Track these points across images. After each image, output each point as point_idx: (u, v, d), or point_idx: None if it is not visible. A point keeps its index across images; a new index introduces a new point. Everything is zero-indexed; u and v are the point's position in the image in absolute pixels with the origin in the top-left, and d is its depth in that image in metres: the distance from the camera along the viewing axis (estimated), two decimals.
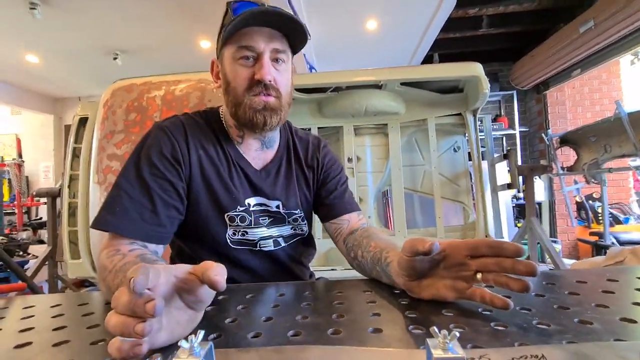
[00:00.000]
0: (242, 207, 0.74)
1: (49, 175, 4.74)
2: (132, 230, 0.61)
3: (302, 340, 0.37)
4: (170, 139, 0.69)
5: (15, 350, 0.40)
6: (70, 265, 2.42)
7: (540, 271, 0.60)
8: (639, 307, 0.42)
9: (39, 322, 0.49)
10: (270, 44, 0.67)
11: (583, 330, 0.36)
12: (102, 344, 0.40)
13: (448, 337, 0.26)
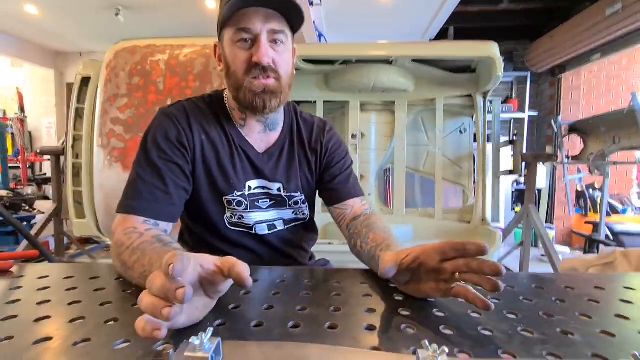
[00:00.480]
0: (239, 192, 0.75)
1: (51, 132, 4.73)
2: (146, 210, 0.64)
3: (301, 333, 0.40)
4: (175, 124, 0.70)
5: (35, 324, 0.43)
6: (76, 224, 2.49)
7: (531, 274, 0.62)
8: (620, 320, 0.44)
9: (55, 294, 0.52)
10: (267, 24, 0.65)
11: (564, 342, 0.39)
12: (116, 324, 0.42)
13: (438, 351, 0.29)
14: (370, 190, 2.83)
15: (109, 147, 1.98)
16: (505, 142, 2.73)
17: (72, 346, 0.37)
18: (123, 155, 1.96)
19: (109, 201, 2.00)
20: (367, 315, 0.46)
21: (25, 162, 4.23)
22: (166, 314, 0.33)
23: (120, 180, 1.97)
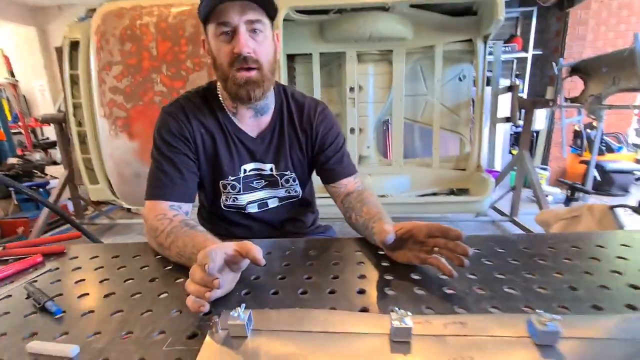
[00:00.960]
0: (233, 177, 0.85)
1: (45, 94, 4.66)
2: (169, 195, 0.76)
3: (308, 298, 0.53)
4: (176, 120, 0.78)
5: (106, 299, 0.56)
6: (91, 189, 2.63)
7: (494, 236, 0.74)
8: (559, 277, 0.57)
9: (110, 273, 0.65)
10: (244, 16, 0.69)
11: (506, 296, 0.51)
12: (167, 296, 0.55)
13: (405, 313, 0.41)
14: (369, 143, 2.90)
15: (112, 117, 2.02)
16: (504, 89, 2.71)
17: (140, 315, 0.51)
18: (127, 124, 2.01)
19: (121, 168, 2.11)
20: (360, 280, 0.58)
21: (27, 127, 4.25)
22: (208, 297, 0.48)
23: (128, 149, 2.05)
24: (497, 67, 2.78)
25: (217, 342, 0.42)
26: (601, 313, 0.46)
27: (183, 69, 1.92)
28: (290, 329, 0.44)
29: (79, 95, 2.45)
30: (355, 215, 0.78)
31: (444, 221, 3.00)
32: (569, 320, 0.43)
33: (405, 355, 0.39)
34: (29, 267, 0.70)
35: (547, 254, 0.64)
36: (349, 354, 0.40)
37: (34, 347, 0.44)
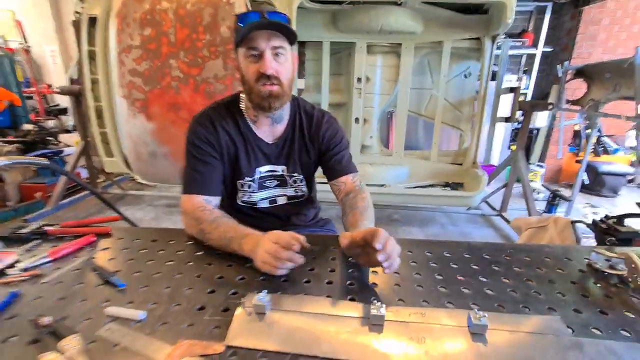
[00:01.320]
0: (250, 177, 1.00)
1: (56, 60, 4.69)
2: (202, 189, 0.92)
3: (311, 286, 0.69)
4: (204, 128, 0.93)
5: (155, 277, 0.72)
6: (106, 162, 2.78)
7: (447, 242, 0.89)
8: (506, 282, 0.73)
9: (154, 255, 0.81)
10: (270, 42, 0.85)
11: (461, 295, 0.68)
12: (202, 277, 0.72)
13: (381, 305, 0.57)
14: (372, 133, 3.01)
15: (131, 98, 2.14)
16: (506, 89, 2.78)
17: (183, 291, 0.67)
18: (145, 106, 2.13)
19: (138, 147, 2.25)
20: (350, 274, 0.74)
21: (40, 93, 4.33)
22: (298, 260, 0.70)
23: (145, 129, 2.18)
24: (503, 66, 2.84)
25: (245, 316, 0.59)
26: (527, 313, 0.63)
27: (200, 57, 2.01)
28: (297, 310, 0.61)
29: (96, 71, 2.55)
30: (345, 218, 0.94)
31: (439, 212, 3.18)
32: (498, 316, 0.59)
33: (379, 334, 0.56)
34: (86, 245, 0.86)
35: (502, 262, 0.80)
36: (338, 330, 0.56)
37: (111, 311, 0.61)
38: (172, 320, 0.59)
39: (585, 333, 0.58)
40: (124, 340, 0.55)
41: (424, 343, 0.54)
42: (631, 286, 0.71)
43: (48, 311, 0.61)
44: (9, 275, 0.72)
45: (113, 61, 2.12)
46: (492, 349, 0.53)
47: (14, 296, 0.66)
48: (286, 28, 0.84)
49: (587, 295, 0.69)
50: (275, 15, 0.83)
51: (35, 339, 0.55)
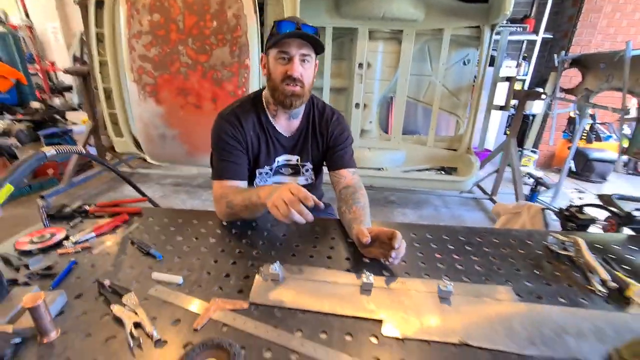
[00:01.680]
0: (268, 166, 1.14)
1: (58, 37, 4.69)
2: (231, 176, 1.06)
3: (314, 260, 0.85)
4: (231, 125, 1.05)
5: (186, 250, 0.88)
6: (116, 142, 2.90)
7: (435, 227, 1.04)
8: (474, 259, 0.88)
9: (182, 234, 0.96)
10: (300, 50, 0.97)
11: (436, 269, 0.83)
12: (224, 252, 0.87)
13: (370, 274, 0.73)
14: (371, 118, 3.12)
15: (142, 83, 2.23)
16: (502, 78, 2.86)
17: (212, 263, 0.83)
18: (155, 91, 2.23)
19: (148, 129, 2.36)
20: (347, 253, 0.90)
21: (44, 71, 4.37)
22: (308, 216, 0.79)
23: (155, 113, 2.29)
24: (501, 54, 2.90)
25: (262, 281, 0.75)
26: (487, 283, 0.79)
27: (207, 44, 2.08)
28: (304, 279, 0.77)
29: (104, 54, 2.62)
30: (346, 209, 1.02)
31: (433, 195, 3.34)
32: (462, 285, 0.75)
33: (368, 297, 0.72)
34: (121, 222, 1.01)
35: (474, 243, 0.96)
36: (336, 294, 0.72)
37: (156, 276, 0.77)
38: (204, 284, 0.75)
39: (530, 300, 0.74)
40: (169, 298, 0.71)
41: (402, 304, 0.70)
42: (576, 264, 0.87)
43: (103, 276, 0.76)
44: (66, 247, 0.87)
45: (123, 46, 2.20)
46: (454, 308, 0.69)
47: (73, 263, 0.81)
48: (316, 40, 0.96)
49: (539, 271, 0.84)
50: (308, 27, 0.94)
51: (101, 295, 0.70)
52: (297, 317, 0.66)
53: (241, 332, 0.62)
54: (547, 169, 4.42)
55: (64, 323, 0.63)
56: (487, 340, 0.61)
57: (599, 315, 0.69)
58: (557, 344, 0.61)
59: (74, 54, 4.40)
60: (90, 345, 0.59)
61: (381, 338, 0.62)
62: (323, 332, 0.63)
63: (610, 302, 0.74)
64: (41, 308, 0.57)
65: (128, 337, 0.59)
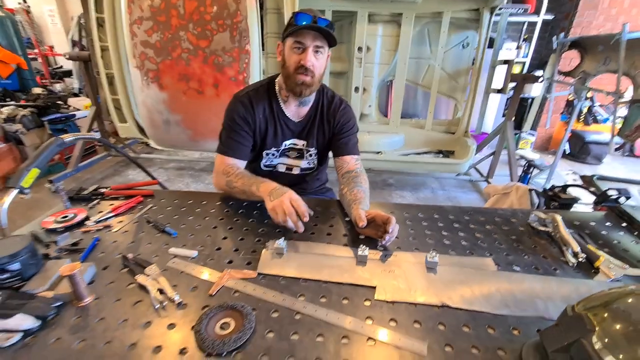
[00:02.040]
0: (275, 148, 1.21)
1: (55, 20, 4.65)
2: (233, 153, 1.13)
3: (316, 237, 0.93)
4: (244, 107, 1.12)
5: (197, 228, 0.96)
6: (120, 127, 2.96)
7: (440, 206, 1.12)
8: (460, 235, 0.96)
9: (191, 212, 1.05)
10: (314, 42, 1.02)
11: (426, 244, 0.92)
12: (233, 230, 0.96)
13: (365, 248, 0.81)
14: (370, 102, 3.15)
15: (144, 69, 2.26)
16: (500, 61, 2.88)
17: (221, 240, 0.91)
18: (157, 76, 2.26)
19: (152, 115, 2.41)
20: (345, 230, 0.98)
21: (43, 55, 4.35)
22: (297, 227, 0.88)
23: (158, 99, 2.33)
24: (500, 37, 2.91)
25: (269, 255, 0.83)
26: (470, 255, 0.87)
27: (208, 29, 2.11)
28: (306, 252, 0.85)
29: (105, 39, 2.63)
30: (347, 191, 1.09)
31: (430, 178, 3.41)
32: (448, 257, 0.84)
33: (363, 267, 0.81)
34: (136, 204, 1.09)
35: (462, 221, 1.04)
36: (334, 265, 0.81)
37: (173, 251, 0.85)
38: (216, 258, 0.84)
39: (507, 269, 0.83)
40: (186, 269, 0.79)
41: (393, 272, 0.79)
42: (554, 239, 0.95)
43: (125, 251, 0.85)
44: (88, 226, 0.96)
45: (125, 32, 2.22)
46: (439, 277, 0.78)
47: (96, 240, 0.90)
48: (329, 34, 1.01)
49: (518, 245, 0.93)
50: (324, 21, 1.00)
51: (125, 267, 0.79)
52: (300, 285, 0.75)
53: (251, 297, 0.71)
54: (544, 151, 4.47)
55: (96, 290, 0.72)
56: (465, 302, 0.70)
57: (567, 282, 0.78)
58: (528, 306, 0.70)
59: (72, 38, 4.38)
60: (121, 307, 0.68)
61: (374, 301, 0.71)
62: (323, 297, 0.72)
63: (579, 272, 0.82)
64: (77, 276, 0.66)
65: (153, 301, 0.68)
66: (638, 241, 0.97)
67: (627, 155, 4.37)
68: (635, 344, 0.46)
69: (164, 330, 0.62)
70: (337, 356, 0.58)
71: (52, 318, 0.64)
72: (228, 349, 0.57)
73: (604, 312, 0.51)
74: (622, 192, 1.04)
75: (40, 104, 3.48)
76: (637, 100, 2.33)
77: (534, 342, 0.59)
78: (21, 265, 0.70)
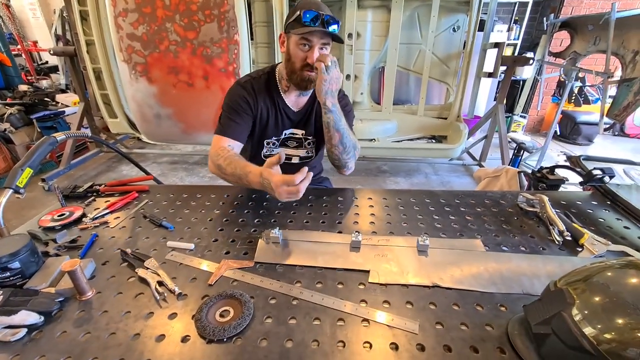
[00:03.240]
0: (276, 137, 1.22)
1: (37, 14, 4.52)
2: (229, 134, 1.13)
3: (310, 225, 0.96)
4: (247, 92, 1.14)
5: (194, 221, 0.98)
6: (110, 123, 2.93)
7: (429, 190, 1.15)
8: (451, 218, 0.99)
9: (187, 206, 1.06)
10: (320, 40, 1.04)
11: (417, 228, 0.94)
12: (229, 221, 0.97)
13: (359, 234, 0.84)
14: (362, 89, 3.14)
15: (132, 62, 2.23)
16: (491, 44, 2.87)
17: (218, 231, 0.93)
18: (146, 70, 2.23)
19: (143, 109, 2.39)
20: (338, 217, 1.01)
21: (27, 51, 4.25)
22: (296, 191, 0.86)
23: (148, 93, 2.31)
24: (490, 19, 2.89)
25: (265, 244, 0.86)
26: (460, 237, 0.90)
27: (195, 20, 2.07)
28: (301, 240, 0.87)
29: (90, 33, 2.58)
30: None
31: (424, 163, 3.44)
32: (439, 240, 0.86)
33: (357, 253, 0.83)
34: (132, 200, 1.10)
35: (453, 204, 1.07)
36: (329, 251, 0.83)
37: (171, 244, 0.87)
38: (214, 249, 0.86)
39: (496, 250, 0.86)
40: (184, 261, 0.81)
41: (386, 257, 0.81)
42: (541, 219, 0.98)
43: (124, 246, 0.86)
44: (85, 223, 0.97)
45: (110, 25, 2.17)
46: (430, 259, 0.81)
47: (95, 236, 0.91)
48: (336, 35, 1.03)
49: (506, 226, 0.96)
50: (332, 21, 1.01)
51: (125, 261, 0.81)
52: (296, 272, 0.77)
53: (249, 285, 0.73)
54: (536, 133, 4.52)
55: (97, 284, 0.74)
56: (455, 281, 0.73)
57: (552, 260, 0.81)
58: (514, 283, 0.73)
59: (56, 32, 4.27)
60: (123, 300, 0.70)
61: (367, 285, 0.73)
62: (319, 283, 0.74)
63: (564, 249, 0.86)
64: (78, 271, 0.68)
65: (154, 292, 0.70)
66: (621, 218, 1.00)
67: (617, 135, 4.43)
68: (613, 315, 0.49)
69: (165, 320, 0.64)
70: (333, 337, 0.61)
71: (57, 313, 0.66)
72: (228, 335, 0.60)
73: (584, 286, 0.54)
74: (607, 171, 1.07)
75: (27, 102, 3.42)
76: (626, 79, 2.36)
77: (519, 317, 0.63)
78: (21, 263, 0.72)
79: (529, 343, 0.58)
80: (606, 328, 0.49)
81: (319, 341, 0.60)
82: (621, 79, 2.34)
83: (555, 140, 4.17)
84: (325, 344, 0.59)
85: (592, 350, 0.48)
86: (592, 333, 0.49)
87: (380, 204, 1.07)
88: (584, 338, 0.49)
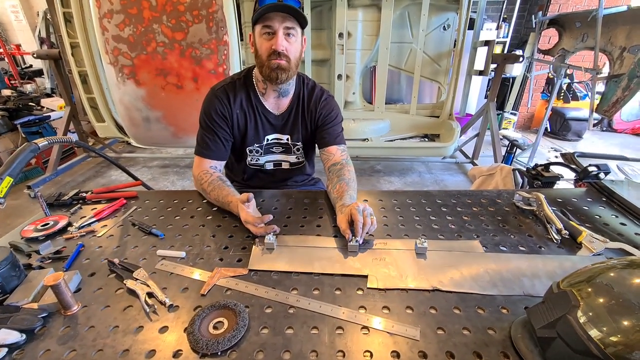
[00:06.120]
0: (258, 144, 1.18)
1: (19, 17, 4.40)
2: (210, 155, 1.10)
3: (306, 229, 0.93)
4: (220, 102, 1.09)
5: (184, 228, 0.94)
6: (98, 127, 2.86)
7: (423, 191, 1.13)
8: (449, 219, 0.98)
9: (178, 212, 1.02)
10: (283, 24, 0.97)
11: (414, 229, 0.93)
12: (222, 227, 0.94)
13: (355, 237, 0.82)
14: (354, 89, 3.13)
15: (119, 65, 2.17)
16: (482, 42, 2.89)
17: (210, 238, 0.90)
18: (133, 72, 2.18)
19: (131, 113, 2.33)
20: (334, 221, 0.98)
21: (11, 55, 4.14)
22: (266, 231, 0.84)
23: (136, 96, 2.25)
24: (480, 17, 2.91)
25: (259, 250, 0.83)
26: (458, 238, 0.89)
27: (183, 21, 2.03)
28: (296, 245, 0.85)
29: (75, 35, 2.51)
30: (332, 187, 1.07)
31: (417, 162, 3.44)
32: (437, 242, 0.85)
33: (354, 258, 0.81)
34: (120, 206, 1.06)
35: (449, 204, 1.05)
36: (325, 256, 0.81)
37: (161, 252, 0.84)
38: (206, 257, 0.83)
39: (495, 250, 0.84)
40: (175, 270, 0.78)
41: (384, 260, 0.79)
42: (538, 218, 0.98)
43: (111, 256, 0.83)
44: (71, 232, 0.93)
45: (95, 27, 2.11)
46: (429, 262, 0.79)
47: (81, 246, 0.87)
48: (298, 13, 0.96)
49: (504, 226, 0.95)
50: (288, 5, 0.94)
51: (112, 272, 0.77)
52: (292, 279, 0.75)
53: (244, 294, 0.70)
54: (526, 130, 4.56)
55: (83, 298, 0.70)
56: (455, 285, 0.71)
57: (552, 259, 0.80)
58: (515, 284, 0.72)
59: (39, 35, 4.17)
60: (110, 314, 0.66)
61: (366, 290, 0.71)
62: (316, 289, 0.72)
63: (563, 248, 0.85)
64: (62, 285, 0.64)
65: (144, 305, 0.67)
66: (617, 215, 1.00)
67: (605, 130, 4.50)
68: (618, 316, 0.47)
69: (156, 334, 0.61)
70: (332, 347, 0.58)
71: (40, 329, 0.63)
72: (222, 348, 0.57)
73: (588, 288, 0.52)
74: (602, 167, 1.07)
75: (11, 107, 3.32)
76: (614, 76, 2.38)
77: (522, 320, 0.61)
78: (1, 278, 0.68)
79: (533, 347, 0.56)
80: (612, 330, 0.47)
81: (318, 351, 0.58)
82: (609, 75, 2.37)
83: (545, 137, 4.22)
84: (324, 355, 0.57)
85: (599, 354, 0.47)
86: (598, 336, 0.48)
87: (376, 206, 1.05)
88: (590, 341, 0.48)
